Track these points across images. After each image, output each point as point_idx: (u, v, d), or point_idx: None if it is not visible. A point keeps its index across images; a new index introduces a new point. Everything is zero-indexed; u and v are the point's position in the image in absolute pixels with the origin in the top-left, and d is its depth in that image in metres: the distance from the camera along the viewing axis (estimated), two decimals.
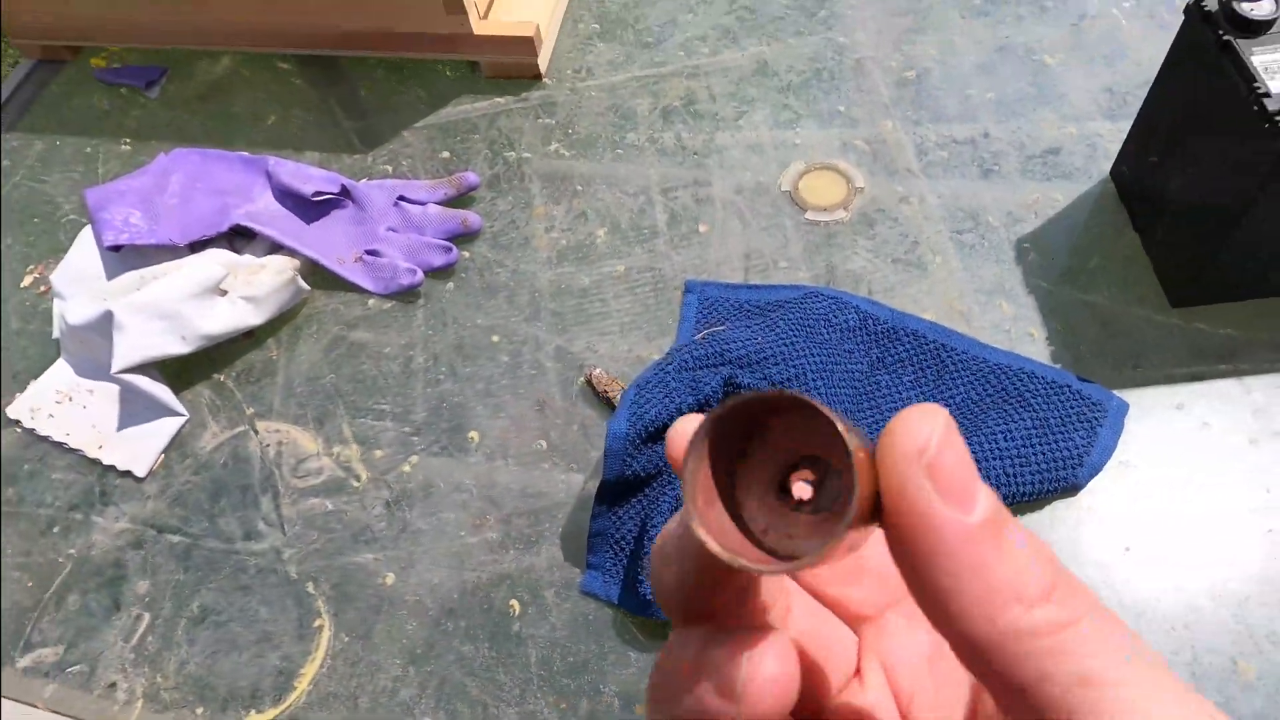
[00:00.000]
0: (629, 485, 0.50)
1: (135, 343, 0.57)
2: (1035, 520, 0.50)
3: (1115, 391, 0.53)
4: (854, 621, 0.19)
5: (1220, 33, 0.47)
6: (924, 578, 0.13)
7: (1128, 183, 0.61)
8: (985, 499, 0.14)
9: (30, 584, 0.55)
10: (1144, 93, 0.57)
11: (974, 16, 0.74)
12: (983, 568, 0.13)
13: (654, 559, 0.17)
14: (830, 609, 0.19)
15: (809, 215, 0.64)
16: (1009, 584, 0.13)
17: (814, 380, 0.51)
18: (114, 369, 0.57)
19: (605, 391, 0.56)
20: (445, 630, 0.51)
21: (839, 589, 0.19)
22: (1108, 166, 0.63)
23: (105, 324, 0.58)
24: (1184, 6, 0.50)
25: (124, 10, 0.78)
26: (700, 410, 0.50)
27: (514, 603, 0.51)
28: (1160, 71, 0.54)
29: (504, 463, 0.56)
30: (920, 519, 0.13)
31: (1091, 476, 0.50)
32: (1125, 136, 0.60)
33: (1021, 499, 0.49)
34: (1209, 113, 0.50)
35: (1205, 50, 0.48)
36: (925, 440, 0.14)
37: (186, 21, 0.78)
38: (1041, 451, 0.49)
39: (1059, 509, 0.50)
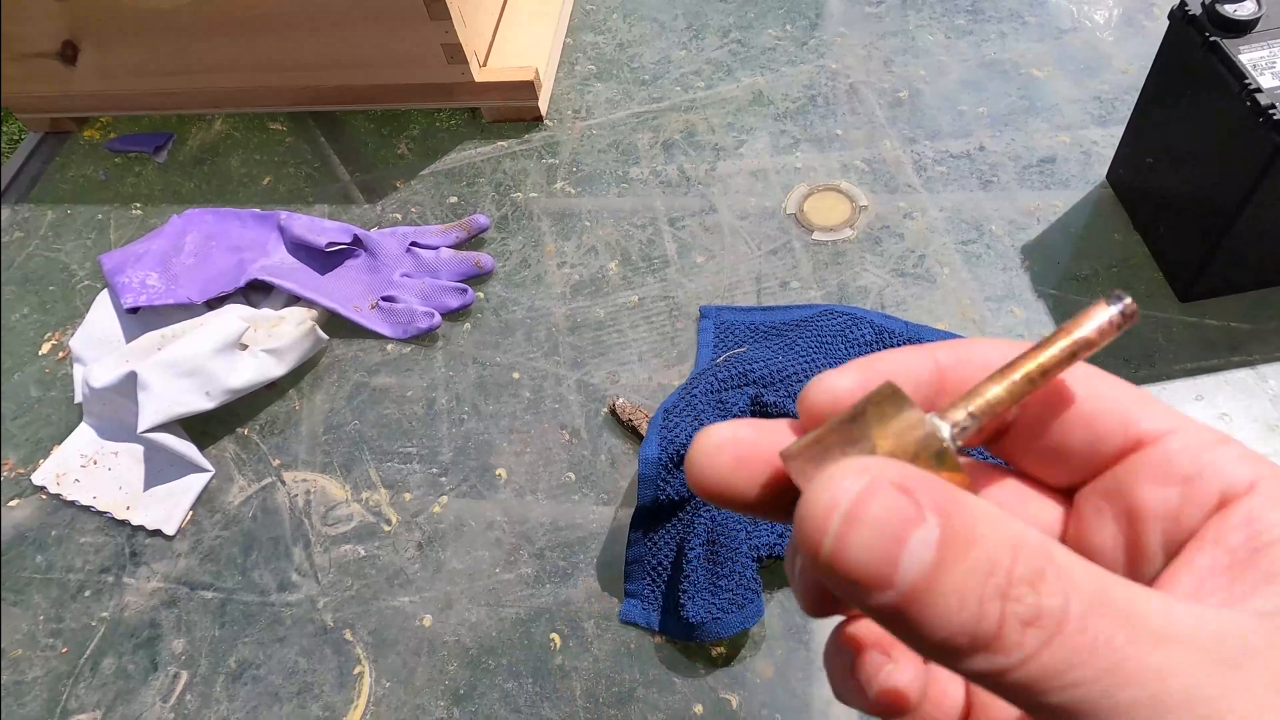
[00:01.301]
0: (663, 510, 0.50)
1: (161, 401, 0.58)
2: None
3: None
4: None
5: (1206, 34, 0.49)
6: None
7: (1125, 185, 0.62)
8: (908, 566, 0.13)
9: (65, 650, 0.55)
10: (1132, 98, 0.59)
11: (958, 36, 0.76)
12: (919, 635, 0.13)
13: (786, 553, 0.17)
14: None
15: (816, 235, 0.65)
16: (949, 644, 0.13)
17: None
18: (140, 428, 0.58)
19: (630, 420, 0.57)
20: (487, 668, 0.50)
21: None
22: (1103, 171, 0.64)
23: (129, 385, 0.59)
24: (1168, 11, 0.52)
25: (124, 82, 0.80)
26: None
27: (554, 636, 0.51)
28: (1149, 75, 0.56)
29: (533, 497, 0.56)
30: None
31: None
32: (1119, 141, 0.61)
33: None
34: (1201, 112, 0.51)
35: (1192, 52, 0.50)
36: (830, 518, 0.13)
37: (185, 89, 0.79)
38: None
39: None
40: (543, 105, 0.76)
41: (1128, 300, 0.17)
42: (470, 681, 0.50)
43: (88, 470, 0.61)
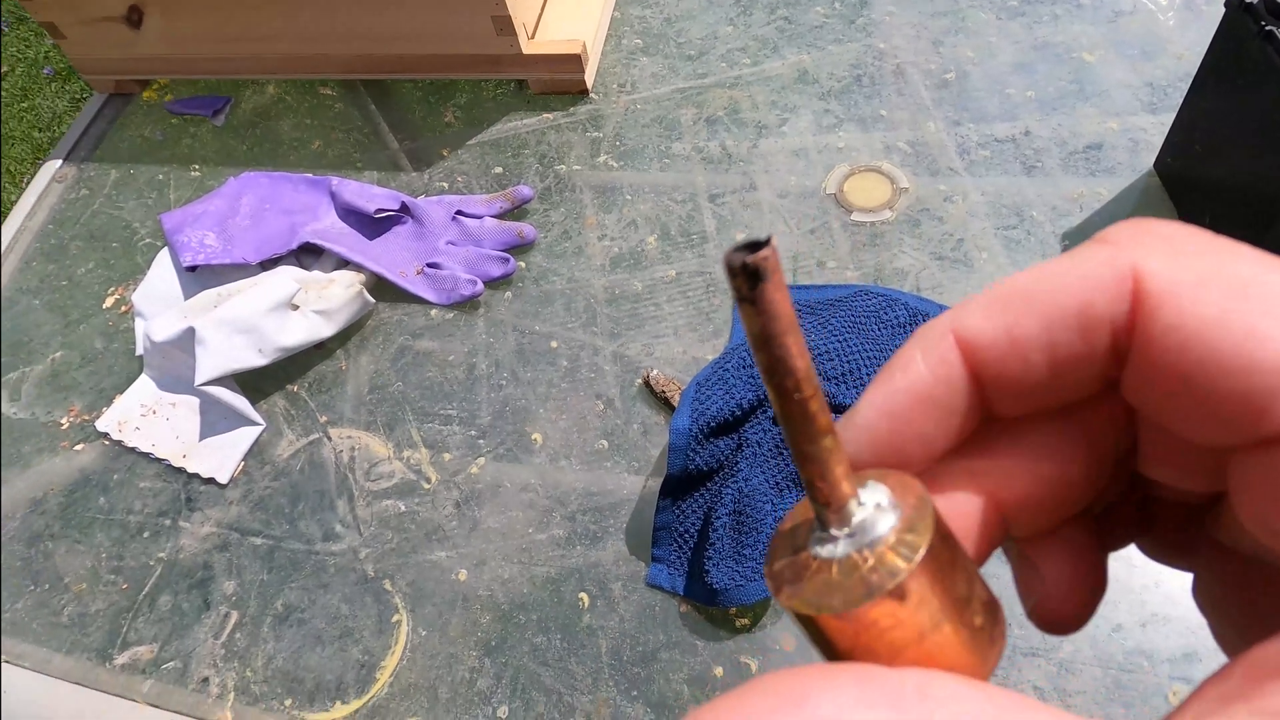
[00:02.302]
0: (692, 479, 0.52)
1: (217, 356, 0.61)
2: None
3: None
4: None
5: (1262, 23, 0.48)
6: None
7: (1173, 175, 0.62)
8: None
9: (125, 586, 0.58)
10: (1185, 85, 0.58)
11: (1010, 17, 0.75)
12: None
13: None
14: None
15: (855, 216, 0.65)
16: None
17: (866, 375, 0.52)
18: (197, 381, 0.61)
19: (663, 392, 0.58)
20: (518, 623, 0.53)
21: None
22: (1151, 160, 0.64)
23: (188, 340, 0.62)
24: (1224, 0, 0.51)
25: (186, 47, 0.82)
26: (759, 404, 0.52)
27: (583, 596, 0.53)
28: (1202, 63, 0.55)
29: (567, 463, 0.58)
30: None
31: None
32: (1169, 129, 0.61)
33: None
34: (1254, 102, 0.50)
35: (1247, 41, 0.49)
36: None
37: (244, 54, 0.82)
38: None
39: None
40: (589, 78, 0.77)
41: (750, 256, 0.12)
42: (501, 634, 0.53)
43: (147, 419, 0.65)
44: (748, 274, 0.12)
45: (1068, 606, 0.16)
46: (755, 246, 0.12)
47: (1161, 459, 0.15)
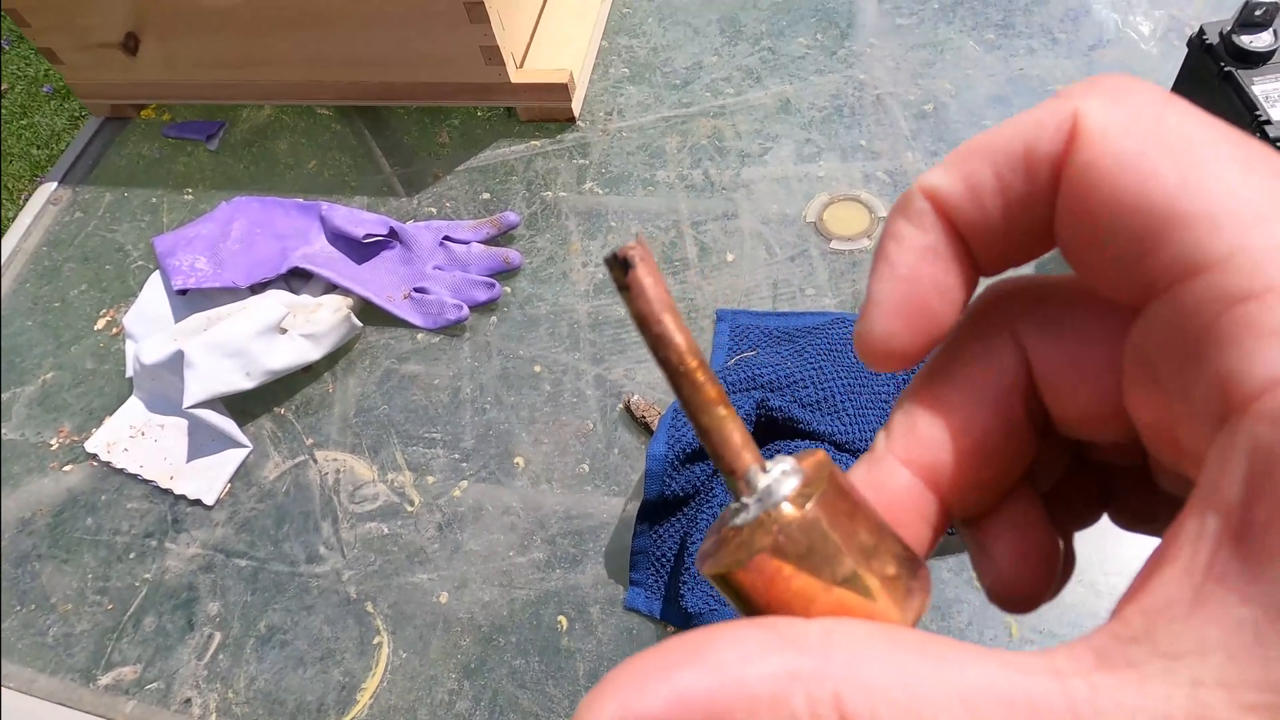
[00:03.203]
0: (669, 505, 0.53)
1: (205, 379, 0.62)
2: None
3: None
4: None
5: (1222, 64, 0.49)
6: None
7: None
8: None
9: (110, 607, 0.59)
10: None
11: (987, 50, 0.77)
12: None
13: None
14: None
15: (834, 244, 0.67)
16: None
17: (842, 402, 0.54)
18: (185, 404, 0.62)
19: (643, 417, 0.59)
20: (497, 645, 0.54)
21: None
22: None
23: (177, 362, 0.63)
24: (1187, 39, 0.53)
25: (182, 73, 0.84)
26: None
27: (561, 619, 0.54)
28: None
29: (549, 486, 0.59)
30: None
31: None
32: None
33: None
34: None
35: (1209, 81, 0.51)
36: None
37: (239, 80, 0.83)
38: None
39: None
40: (576, 106, 0.78)
41: (623, 251, 0.14)
42: (481, 657, 0.53)
43: (136, 440, 0.65)
44: (619, 263, 0.13)
45: (1019, 584, 0.16)
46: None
47: (1064, 408, 0.15)
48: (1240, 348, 0.11)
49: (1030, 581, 0.16)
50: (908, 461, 0.16)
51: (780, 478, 0.14)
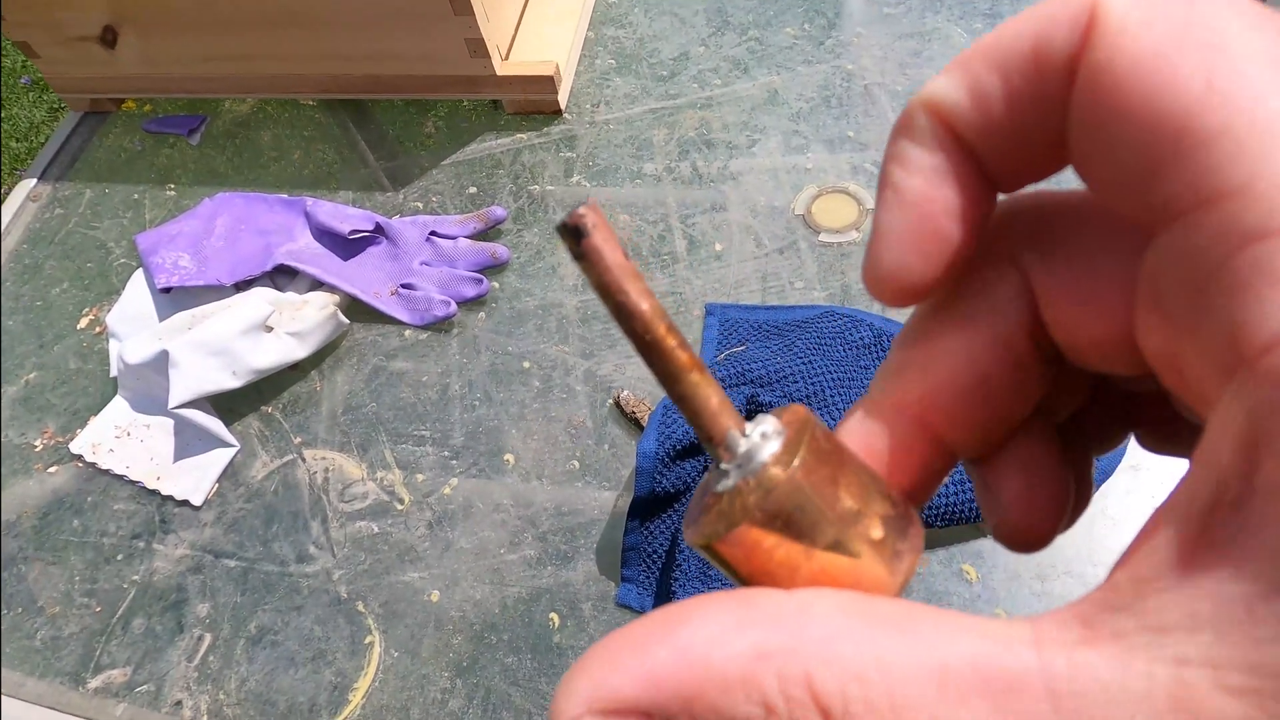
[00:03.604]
0: (659, 501, 0.52)
1: (190, 379, 0.61)
2: None
3: None
4: None
5: None
6: None
7: None
8: None
9: (99, 609, 0.59)
10: None
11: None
12: None
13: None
14: None
15: (822, 237, 0.67)
16: None
17: (832, 395, 0.54)
18: (171, 404, 0.61)
19: (633, 412, 0.59)
20: (489, 643, 0.53)
21: None
22: None
23: (161, 362, 0.62)
24: None
25: (161, 66, 0.83)
26: None
27: (553, 616, 0.54)
28: None
29: (539, 483, 0.59)
30: None
31: (1103, 481, 0.52)
32: None
33: None
34: None
35: None
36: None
37: (220, 74, 0.82)
38: None
39: None
40: (562, 99, 0.77)
41: (574, 218, 0.13)
42: (473, 655, 0.53)
43: (121, 441, 0.65)
44: (572, 232, 0.13)
45: (1026, 525, 0.16)
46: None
47: (1073, 341, 0.14)
48: (1250, 294, 0.10)
49: (1037, 522, 0.16)
50: (903, 406, 0.15)
51: (760, 441, 0.14)
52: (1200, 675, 0.09)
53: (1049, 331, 0.14)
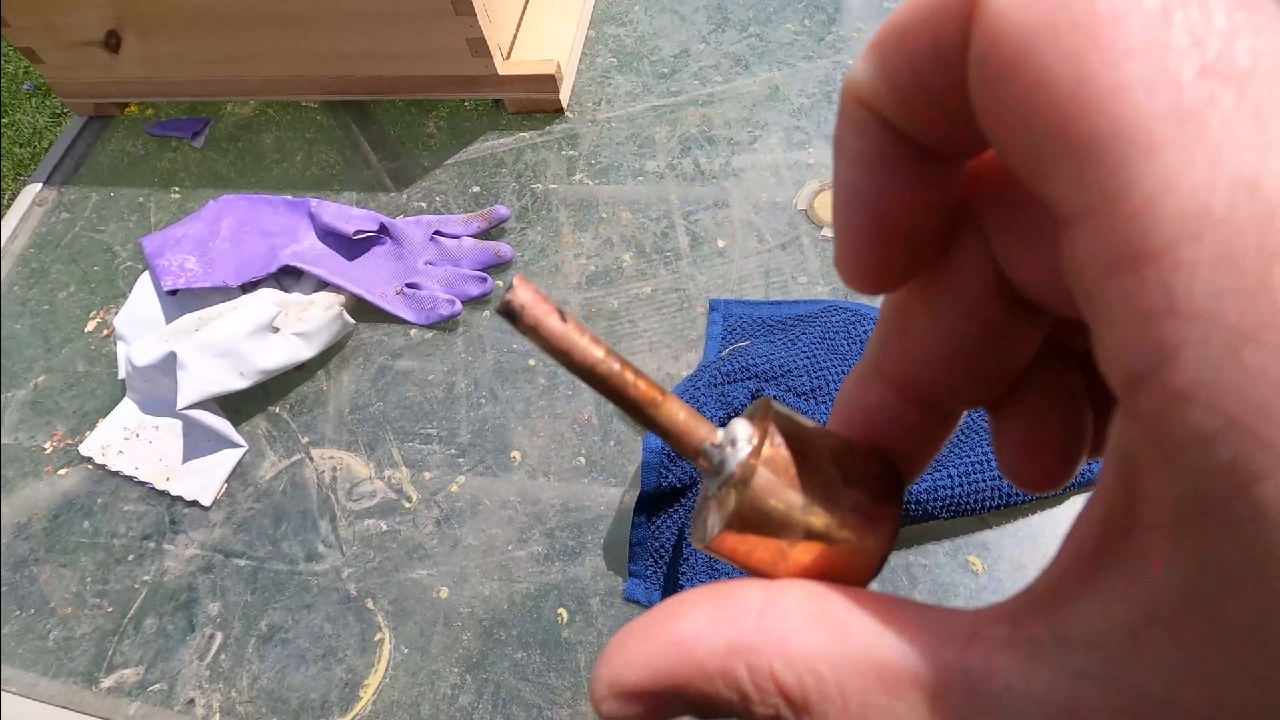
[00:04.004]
0: (666, 496, 0.53)
1: (198, 380, 0.61)
2: (1056, 515, 0.52)
3: None
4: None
5: None
6: None
7: None
8: None
9: (110, 610, 0.59)
10: None
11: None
12: None
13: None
14: None
15: (825, 232, 0.67)
16: None
17: (836, 389, 0.54)
18: (179, 405, 0.61)
19: None
20: (498, 639, 0.54)
21: None
22: None
23: (169, 364, 0.62)
24: None
25: (165, 70, 0.83)
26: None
27: (561, 611, 0.54)
28: None
29: (546, 479, 0.59)
30: None
31: None
32: None
33: (1041, 495, 0.52)
34: None
35: None
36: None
37: (223, 76, 0.83)
38: None
39: (1078, 503, 0.52)
40: (564, 97, 0.78)
41: (507, 298, 0.13)
42: (482, 651, 0.54)
43: (130, 443, 0.65)
44: (508, 315, 0.13)
45: (1034, 470, 0.16)
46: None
47: (1046, 302, 0.14)
48: (1119, 328, 0.09)
49: (1045, 467, 0.16)
50: (889, 375, 0.15)
51: (730, 451, 0.15)
52: (1093, 691, 0.10)
53: (1010, 280, 0.14)
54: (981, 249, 0.14)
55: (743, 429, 0.15)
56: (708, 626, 0.13)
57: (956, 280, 0.14)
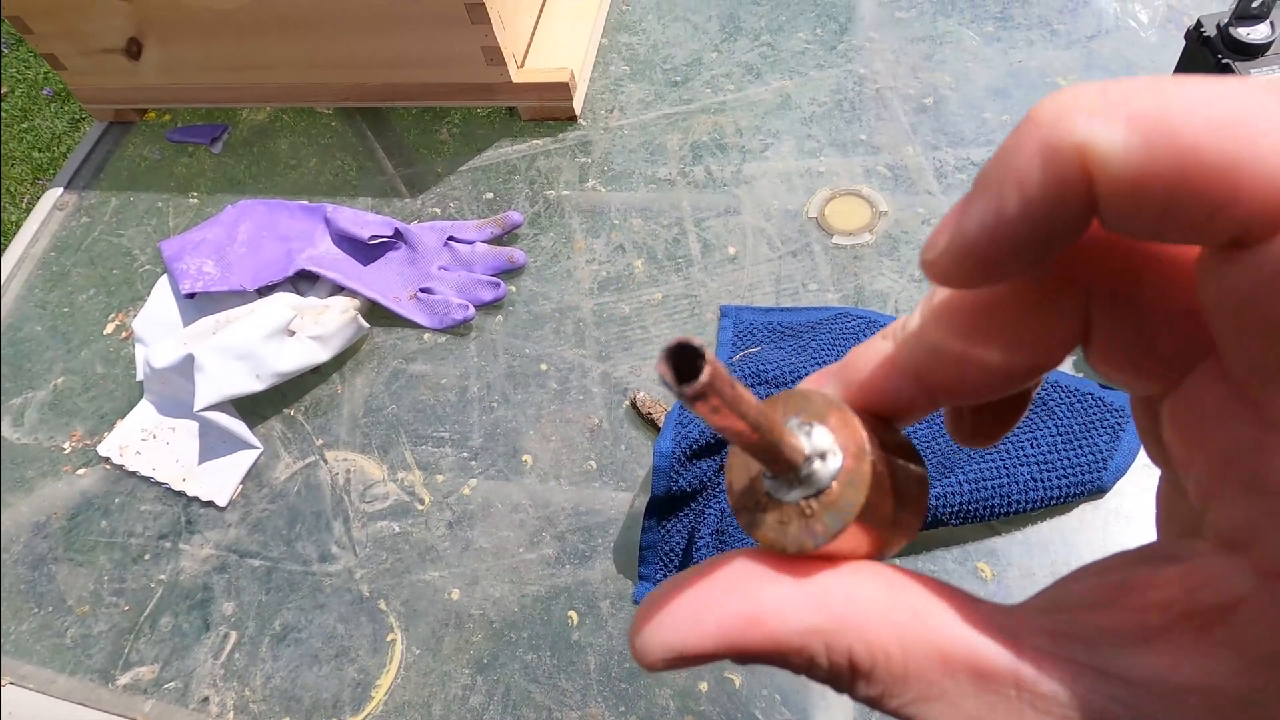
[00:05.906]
0: (676, 500, 0.53)
1: (215, 382, 0.62)
2: (1064, 522, 0.53)
3: None
4: None
5: (1219, 57, 0.50)
6: None
7: None
8: None
9: (127, 608, 0.60)
10: None
11: (986, 43, 0.77)
12: None
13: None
14: None
15: (835, 239, 0.67)
16: None
17: None
18: (196, 407, 0.62)
19: (649, 413, 0.60)
20: (509, 641, 0.54)
21: None
22: None
23: (187, 366, 0.63)
24: (1184, 32, 0.53)
25: (184, 77, 0.84)
26: None
27: (572, 614, 0.55)
28: None
29: (557, 483, 0.60)
30: None
31: (1117, 479, 0.52)
32: None
33: (1050, 503, 0.52)
34: None
35: (1206, 72, 0.51)
36: None
37: (242, 83, 0.84)
38: (1066, 456, 0.51)
39: (1087, 511, 0.53)
40: (577, 105, 0.78)
41: (689, 385, 0.12)
42: (493, 652, 0.54)
43: (148, 443, 0.66)
44: (694, 399, 0.12)
45: (978, 436, 0.19)
46: (685, 352, 0.12)
47: (1118, 374, 0.15)
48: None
49: (987, 431, 0.18)
50: (919, 376, 0.16)
51: (819, 465, 0.15)
52: None
53: (1092, 361, 0.15)
54: (1077, 314, 0.14)
55: (824, 438, 0.15)
56: (791, 607, 0.14)
57: (1038, 330, 0.15)
